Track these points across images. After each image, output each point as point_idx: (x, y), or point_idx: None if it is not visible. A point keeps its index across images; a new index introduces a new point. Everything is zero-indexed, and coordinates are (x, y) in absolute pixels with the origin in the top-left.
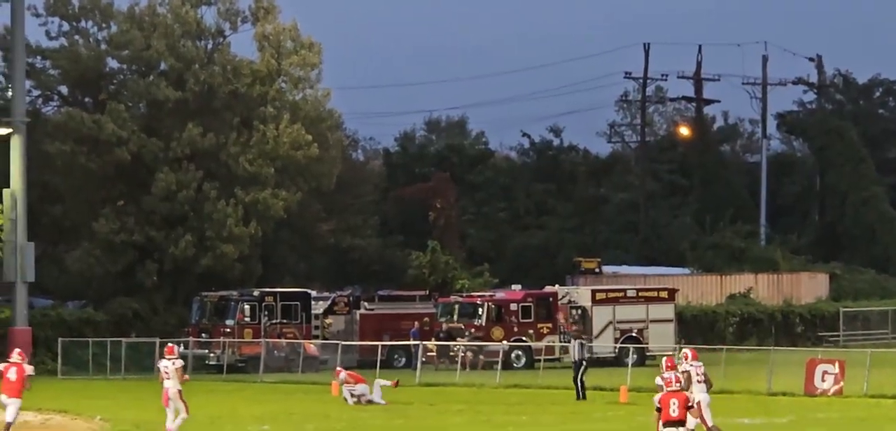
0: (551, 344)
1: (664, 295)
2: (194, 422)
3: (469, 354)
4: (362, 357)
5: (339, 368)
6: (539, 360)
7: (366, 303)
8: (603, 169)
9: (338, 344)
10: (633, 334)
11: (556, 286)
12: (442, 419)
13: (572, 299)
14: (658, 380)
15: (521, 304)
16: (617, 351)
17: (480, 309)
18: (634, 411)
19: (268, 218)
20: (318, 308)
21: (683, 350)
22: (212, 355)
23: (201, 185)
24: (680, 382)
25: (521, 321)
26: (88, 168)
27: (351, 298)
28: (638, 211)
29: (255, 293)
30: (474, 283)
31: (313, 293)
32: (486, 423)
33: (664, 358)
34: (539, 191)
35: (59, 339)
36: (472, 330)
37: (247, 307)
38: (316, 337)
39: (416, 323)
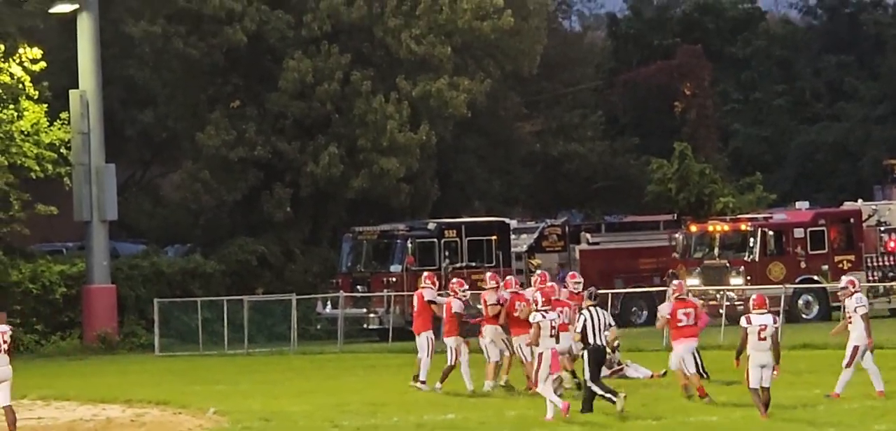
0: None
1: None
2: (346, 411)
3: (735, 302)
4: None
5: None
6: (838, 308)
7: (588, 235)
8: None
9: None
10: None
11: (860, 201)
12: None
13: (883, 219)
14: None
15: (809, 229)
16: None
17: (752, 238)
18: None
19: (445, 119)
20: (521, 243)
21: None
22: (371, 315)
23: (349, 75)
24: None
25: (811, 252)
26: (189, 56)
27: (566, 228)
28: None
29: (431, 225)
30: (742, 201)
31: (513, 223)
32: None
33: None
34: (832, 65)
35: (155, 300)
36: (741, 267)
37: (419, 246)
38: (519, 285)
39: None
